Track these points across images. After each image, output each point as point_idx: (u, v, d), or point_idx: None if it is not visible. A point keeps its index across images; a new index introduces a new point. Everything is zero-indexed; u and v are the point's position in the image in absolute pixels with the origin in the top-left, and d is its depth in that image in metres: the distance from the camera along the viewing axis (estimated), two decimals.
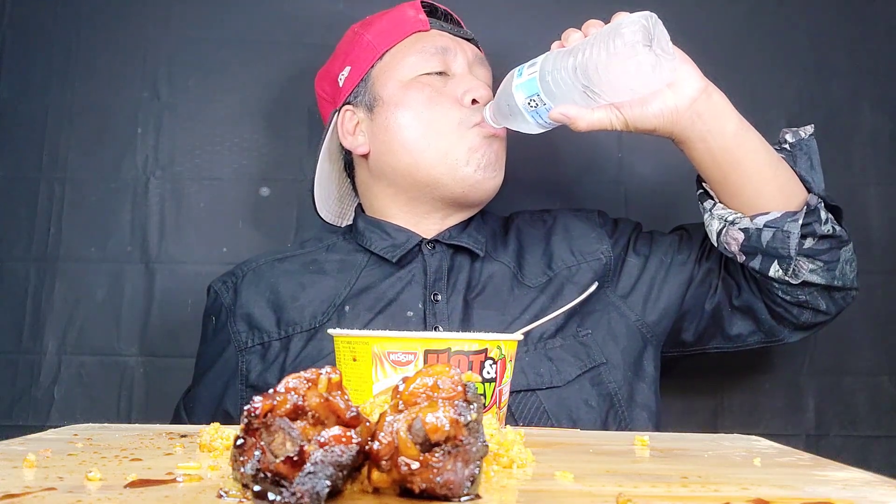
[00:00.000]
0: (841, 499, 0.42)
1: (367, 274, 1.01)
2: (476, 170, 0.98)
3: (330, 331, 0.67)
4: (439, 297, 0.97)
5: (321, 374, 0.41)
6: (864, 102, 1.30)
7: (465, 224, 1.05)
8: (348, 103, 1.06)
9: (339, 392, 0.41)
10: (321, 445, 0.38)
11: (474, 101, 0.99)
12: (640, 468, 0.52)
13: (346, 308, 0.97)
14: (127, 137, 1.26)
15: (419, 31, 1.04)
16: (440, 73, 1.02)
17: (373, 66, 1.04)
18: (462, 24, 1.10)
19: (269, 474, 0.37)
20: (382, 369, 0.61)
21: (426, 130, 0.99)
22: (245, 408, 0.39)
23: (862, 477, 0.49)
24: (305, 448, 0.38)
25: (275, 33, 1.29)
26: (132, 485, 0.42)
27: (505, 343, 0.65)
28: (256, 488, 0.37)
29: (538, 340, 0.94)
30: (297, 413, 0.39)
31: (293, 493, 0.37)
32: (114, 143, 1.26)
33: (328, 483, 0.37)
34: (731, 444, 0.64)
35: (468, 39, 1.07)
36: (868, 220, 1.28)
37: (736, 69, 1.31)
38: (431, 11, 1.07)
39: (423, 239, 1.03)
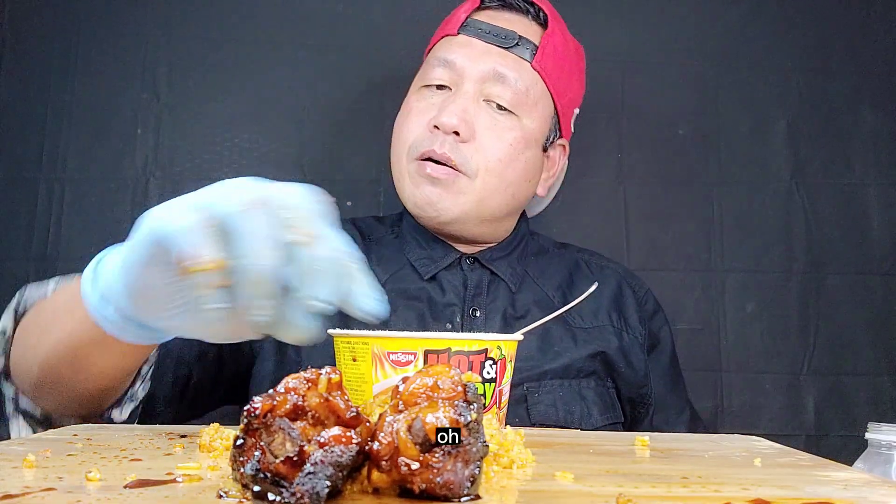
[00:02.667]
0: (841, 499, 0.42)
1: (406, 275, 0.98)
2: (413, 205, 0.95)
3: (330, 331, 0.67)
4: (478, 314, 0.96)
5: (321, 374, 0.41)
6: (864, 102, 1.30)
7: (506, 247, 1.02)
8: None
9: (339, 392, 0.41)
10: (321, 446, 0.38)
11: (436, 127, 0.93)
12: (641, 468, 0.52)
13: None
14: (127, 137, 1.26)
15: (447, 35, 0.99)
16: (440, 87, 0.97)
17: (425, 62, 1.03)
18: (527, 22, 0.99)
19: (268, 474, 0.37)
20: (382, 369, 0.61)
21: (394, 150, 0.99)
22: (245, 408, 0.39)
23: (862, 477, 0.49)
24: (305, 448, 0.38)
25: (275, 34, 1.29)
26: (132, 485, 0.42)
27: (505, 343, 0.65)
28: (256, 488, 0.37)
29: (574, 377, 0.93)
30: (296, 413, 0.39)
31: (293, 494, 0.37)
32: (113, 143, 1.25)
33: (328, 483, 0.37)
34: (731, 444, 0.64)
35: (509, 47, 0.96)
36: (868, 220, 1.28)
37: (736, 69, 1.31)
38: (495, 4, 0.99)
39: (462, 254, 1.00)
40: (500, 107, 0.95)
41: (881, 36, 1.32)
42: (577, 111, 1.07)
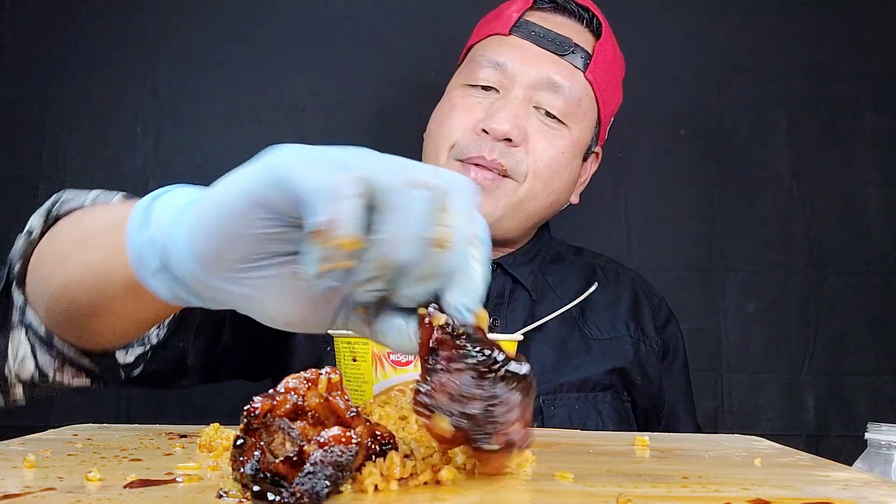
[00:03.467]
0: (841, 499, 0.42)
1: None
2: None
3: (330, 331, 0.67)
4: (498, 323, 0.94)
5: (321, 374, 0.41)
6: (865, 103, 1.31)
7: (529, 252, 1.00)
8: None
9: (339, 392, 0.41)
10: (321, 445, 0.38)
11: (484, 132, 0.90)
12: (641, 468, 0.52)
13: None
14: (127, 137, 1.26)
15: (497, 33, 0.95)
16: (486, 88, 0.93)
17: (467, 52, 1.00)
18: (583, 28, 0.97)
19: (268, 474, 0.37)
20: (382, 369, 0.61)
21: (431, 145, 0.95)
22: (245, 408, 0.39)
23: (862, 477, 0.48)
24: (305, 448, 0.38)
25: (275, 33, 1.29)
26: (132, 485, 0.42)
27: (504, 344, 0.65)
28: (256, 488, 0.37)
29: (590, 390, 0.92)
30: (296, 413, 0.39)
31: (293, 494, 0.37)
32: (114, 142, 1.26)
33: (327, 483, 0.37)
34: (731, 444, 0.64)
35: (563, 54, 0.93)
36: (868, 220, 1.28)
37: (737, 70, 1.32)
38: (548, 6, 0.96)
39: None
40: (548, 114, 0.92)
41: (881, 36, 1.32)
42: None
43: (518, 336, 0.68)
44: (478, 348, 0.39)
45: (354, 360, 0.63)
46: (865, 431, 0.68)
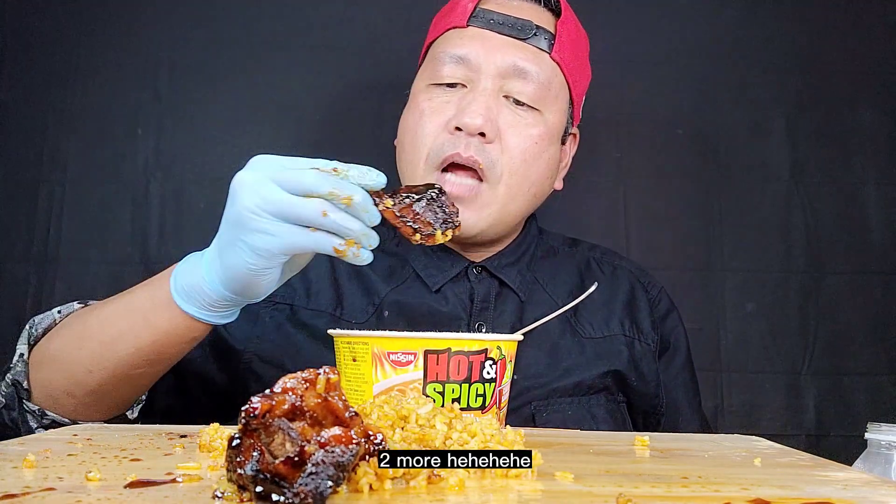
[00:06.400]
0: (841, 499, 0.42)
1: (412, 286, 0.93)
2: None
3: (330, 331, 0.67)
4: (484, 329, 0.91)
5: (319, 374, 0.41)
6: (864, 102, 1.31)
7: (516, 250, 0.97)
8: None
9: (337, 392, 0.41)
10: (321, 446, 0.38)
11: (458, 129, 0.87)
12: (640, 468, 0.52)
13: (386, 314, 0.91)
14: (127, 138, 1.26)
15: (455, 26, 0.92)
16: (452, 85, 0.91)
17: (426, 52, 0.97)
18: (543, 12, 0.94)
19: (268, 475, 0.37)
20: (382, 369, 0.61)
21: (405, 156, 0.92)
22: (243, 408, 0.39)
23: (862, 477, 0.49)
24: (306, 448, 0.38)
25: (275, 34, 1.29)
26: (132, 485, 0.42)
27: (504, 343, 0.65)
28: (258, 489, 0.37)
29: (584, 394, 0.90)
30: (294, 413, 0.39)
31: (295, 494, 0.37)
32: (114, 143, 1.26)
33: (330, 483, 0.37)
34: (731, 444, 0.64)
35: (526, 38, 0.91)
36: (868, 220, 1.28)
37: (735, 69, 1.32)
38: None
39: (471, 263, 0.95)
40: (518, 102, 0.90)
41: (879, 35, 1.32)
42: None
43: (518, 336, 0.68)
44: (404, 195, 0.68)
45: (354, 360, 0.63)
46: (865, 431, 0.68)
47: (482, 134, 0.87)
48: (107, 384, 0.75)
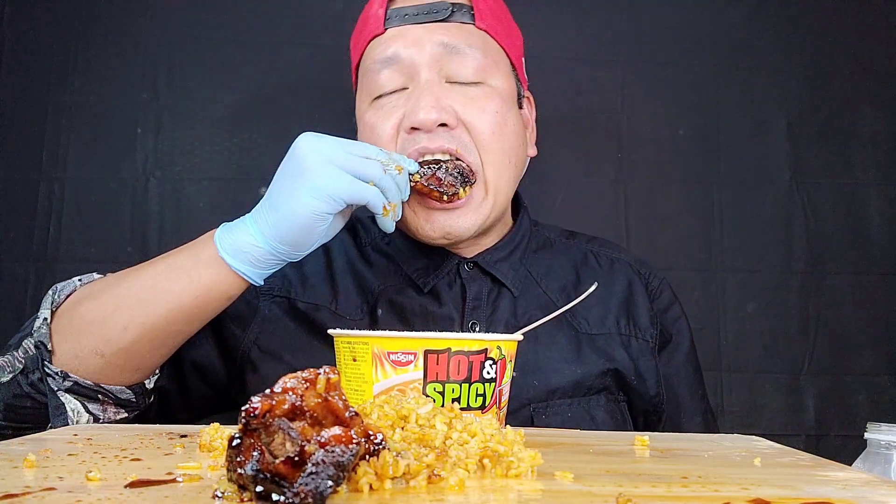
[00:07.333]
0: (841, 499, 0.42)
1: (404, 285, 0.93)
2: (426, 237, 0.88)
3: (330, 331, 0.67)
4: (477, 328, 0.90)
5: (319, 374, 0.41)
6: (865, 103, 1.31)
7: (508, 244, 0.96)
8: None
9: (337, 392, 0.40)
10: (322, 445, 0.38)
11: (414, 129, 0.85)
12: (640, 468, 0.52)
13: (379, 312, 0.91)
14: (127, 138, 1.26)
15: (374, 36, 0.90)
16: (393, 92, 0.88)
17: (357, 77, 0.95)
18: None
19: (268, 475, 0.37)
20: (382, 369, 0.61)
21: None
22: (243, 408, 0.39)
23: (862, 477, 0.48)
24: (306, 448, 0.38)
25: (274, 34, 1.29)
26: (132, 485, 0.42)
27: (504, 343, 0.65)
28: (259, 489, 0.37)
29: (583, 395, 0.89)
30: (294, 413, 0.39)
31: (296, 494, 0.37)
32: (113, 143, 1.26)
33: (331, 483, 0.37)
34: (731, 444, 0.64)
35: (446, 18, 0.89)
36: (868, 220, 1.28)
37: (737, 70, 1.32)
38: None
39: (462, 259, 0.93)
40: (464, 82, 0.88)
41: (881, 36, 1.32)
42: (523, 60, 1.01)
43: (518, 336, 0.68)
44: (425, 168, 0.84)
45: (354, 360, 0.63)
46: (865, 431, 0.68)
47: (443, 125, 0.85)
48: (139, 341, 0.78)
